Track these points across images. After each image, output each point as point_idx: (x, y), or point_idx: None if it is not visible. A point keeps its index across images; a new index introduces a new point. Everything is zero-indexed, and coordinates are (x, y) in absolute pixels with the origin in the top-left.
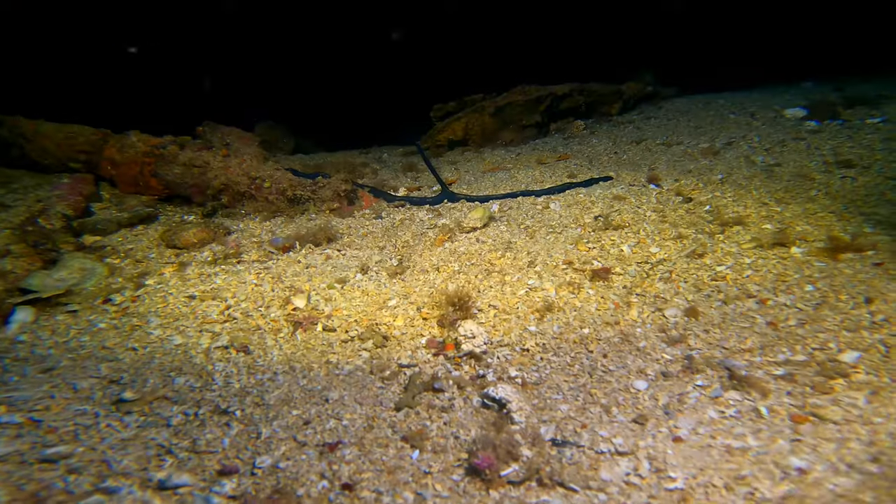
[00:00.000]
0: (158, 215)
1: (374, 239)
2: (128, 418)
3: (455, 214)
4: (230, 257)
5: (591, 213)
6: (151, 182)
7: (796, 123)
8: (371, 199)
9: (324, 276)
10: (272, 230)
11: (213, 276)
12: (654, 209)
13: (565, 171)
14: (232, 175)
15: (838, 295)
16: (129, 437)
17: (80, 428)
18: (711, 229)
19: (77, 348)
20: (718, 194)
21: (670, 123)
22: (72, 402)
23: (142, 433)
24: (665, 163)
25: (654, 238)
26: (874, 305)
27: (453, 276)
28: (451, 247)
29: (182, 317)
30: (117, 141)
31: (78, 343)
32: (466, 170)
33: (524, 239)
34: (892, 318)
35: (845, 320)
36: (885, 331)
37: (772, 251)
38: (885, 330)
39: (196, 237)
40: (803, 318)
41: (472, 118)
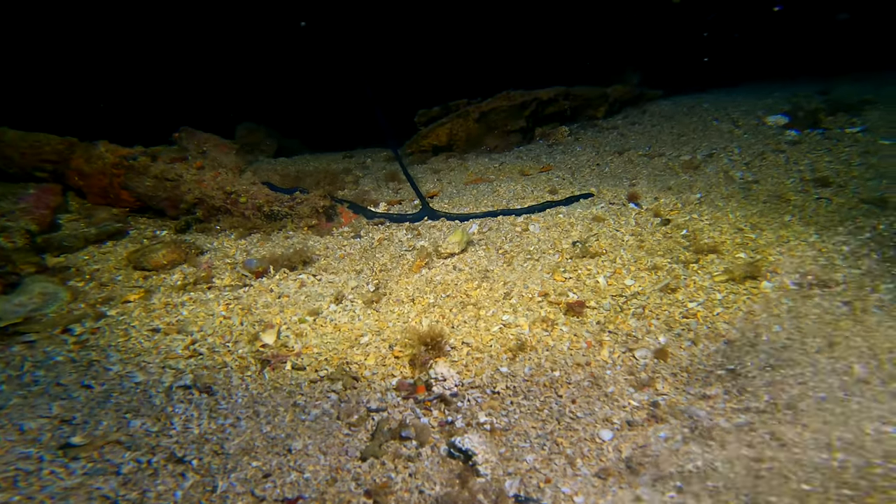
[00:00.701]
0: (129, 230)
1: (351, 262)
2: (74, 464)
3: (434, 235)
4: (200, 282)
5: (569, 236)
6: (122, 194)
7: (777, 132)
8: (350, 216)
9: (296, 306)
10: (247, 249)
11: (179, 307)
12: (633, 232)
13: (547, 184)
14: (206, 189)
15: (804, 338)
16: (73, 485)
17: (21, 474)
18: (687, 257)
19: (30, 384)
20: (696, 217)
21: (654, 130)
22: (17, 444)
23: (87, 482)
24: (646, 177)
25: (629, 268)
26: (837, 351)
27: (428, 309)
28: (427, 274)
29: (144, 352)
30: (84, 151)
31: (31, 378)
32: (449, 180)
33: (501, 266)
34: (853, 367)
35: (810, 364)
36: (845, 378)
37: (743, 285)
38: (846, 377)
39: (166, 258)
40: (768, 361)
41: (456, 124)
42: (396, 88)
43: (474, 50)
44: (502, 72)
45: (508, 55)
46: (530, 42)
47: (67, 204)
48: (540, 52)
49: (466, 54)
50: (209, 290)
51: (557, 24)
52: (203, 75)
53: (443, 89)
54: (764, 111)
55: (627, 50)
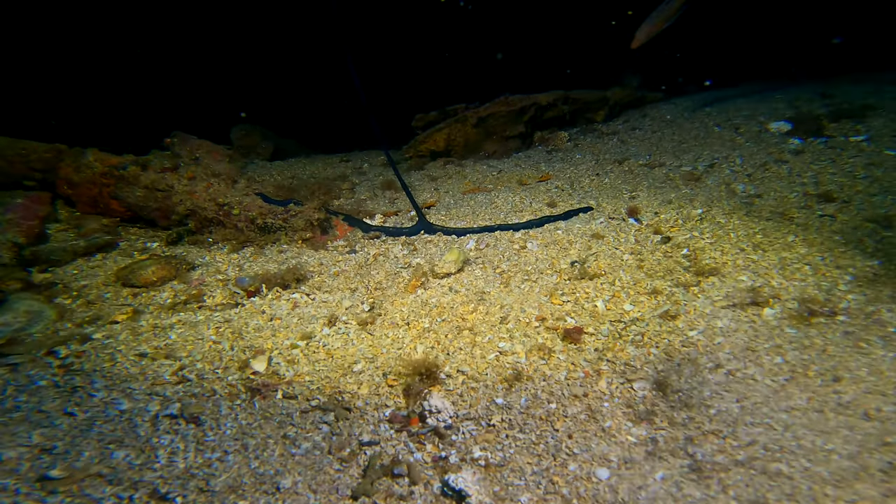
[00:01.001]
0: (119, 242)
1: (345, 279)
2: (52, 499)
3: (431, 251)
4: (191, 301)
5: (568, 255)
6: (112, 204)
7: (780, 140)
8: (346, 228)
9: (288, 330)
10: (240, 264)
11: (168, 330)
12: (632, 251)
13: (546, 195)
14: (198, 200)
15: (807, 370)
16: None
17: None
18: (687, 279)
19: (11, 410)
20: (697, 234)
21: (654, 137)
22: None
23: None
24: (646, 189)
25: (629, 292)
26: (841, 385)
27: (423, 334)
28: (423, 296)
29: (130, 378)
30: (73, 160)
31: (13, 404)
32: (446, 190)
33: (498, 288)
34: (858, 400)
35: (812, 399)
36: (850, 413)
37: (745, 312)
38: (850, 413)
39: (156, 275)
40: (770, 394)
41: (454, 129)
42: (394, 91)
43: (472, 53)
44: (500, 75)
45: (506, 58)
46: (528, 45)
47: (57, 213)
48: (538, 56)
49: (464, 57)
50: (199, 311)
51: (555, 26)
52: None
53: (440, 93)
54: (766, 116)
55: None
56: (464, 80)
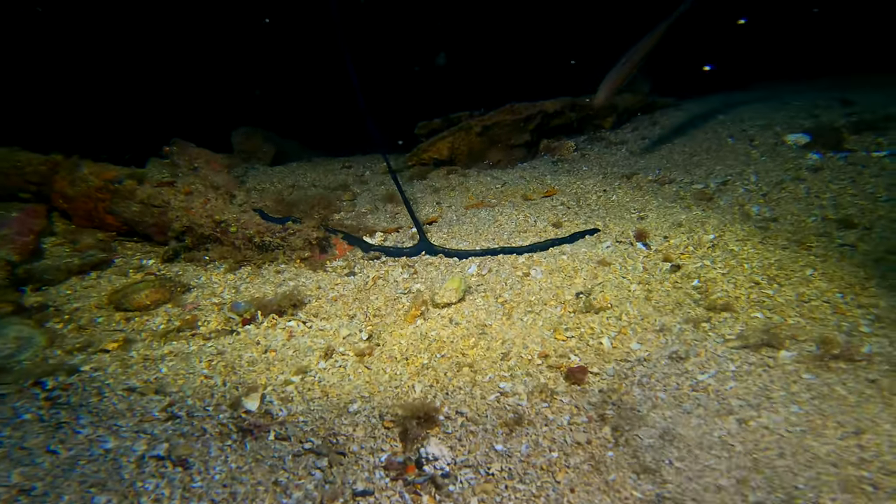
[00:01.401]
0: (114, 258)
1: (344, 305)
2: None
3: (432, 274)
4: (184, 327)
5: (573, 284)
6: (107, 219)
7: (797, 154)
8: (345, 247)
9: (283, 363)
10: (236, 286)
11: (158, 362)
12: (640, 280)
13: (551, 212)
14: (194, 217)
15: (826, 421)
16: None
17: None
18: (698, 315)
19: None
20: (708, 263)
21: (664, 148)
22: None
23: None
24: (656, 209)
25: (636, 328)
26: (864, 438)
27: (421, 371)
28: (422, 327)
29: (118, 414)
30: (68, 173)
31: None
32: (449, 204)
33: (500, 320)
34: (883, 456)
35: (831, 454)
36: (875, 467)
37: (758, 354)
38: (875, 466)
39: (149, 298)
40: (785, 447)
41: (458, 137)
42: (396, 96)
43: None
44: (504, 80)
45: (511, 62)
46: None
47: (52, 226)
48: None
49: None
50: (192, 339)
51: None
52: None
53: (444, 98)
54: (783, 127)
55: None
56: (467, 84)
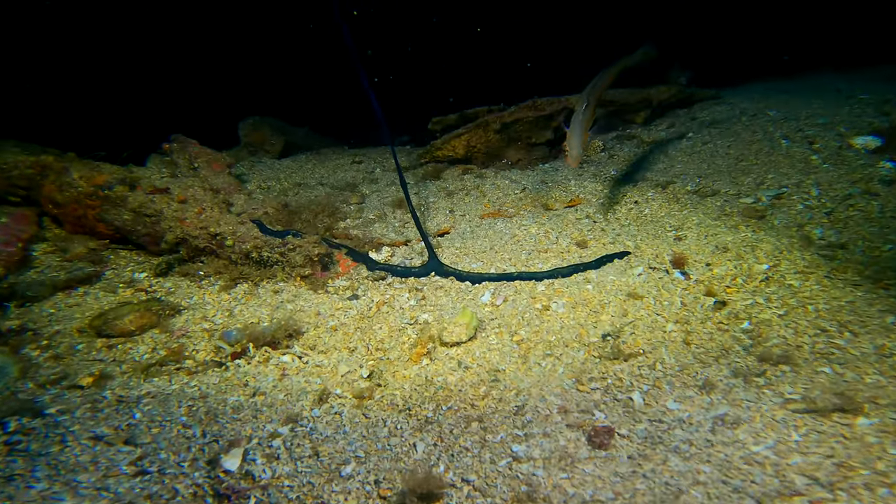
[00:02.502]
0: (105, 271)
1: (344, 336)
2: None
3: (441, 301)
4: (169, 359)
5: (598, 322)
6: (99, 227)
7: (867, 162)
8: (349, 264)
9: (272, 410)
10: (230, 307)
11: (133, 406)
12: (678, 319)
13: (575, 227)
14: (188, 228)
15: None
16: None
17: None
18: (749, 367)
19: None
20: (761, 301)
21: (705, 149)
22: None
23: None
24: (696, 227)
25: (673, 382)
26: None
27: (425, 426)
28: (428, 370)
29: (79, 467)
30: (56, 178)
31: None
32: (462, 212)
33: (515, 364)
34: None
35: None
36: None
37: (829, 420)
38: None
39: (134, 324)
40: None
41: (474, 135)
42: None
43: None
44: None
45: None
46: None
47: (43, 232)
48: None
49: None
50: (176, 375)
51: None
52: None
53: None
54: (848, 127)
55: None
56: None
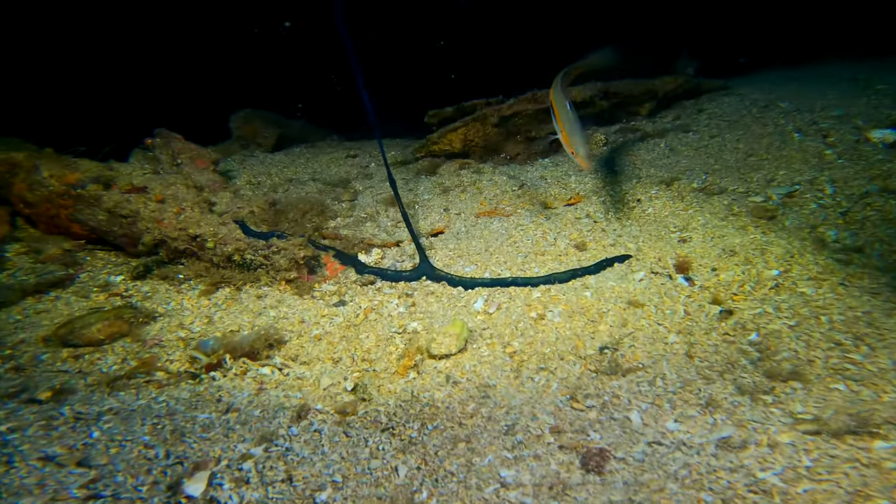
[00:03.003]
0: (79, 274)
1: (328, 345)
2: None
3: (432, 308)
4: (139, 371)
5: (596, 332)
6: (73, 227)
7: (887, 157)
8: (337, 267)
9: (245, 428)
10: (210, 314)
11: (92, 424)
12: (680, 330)
13: (574, 228)
14: (167, 230)
15: None
16: None
17: None
18: (756, 383)
19: None
20: (770, 311)
21: (713, 143)
22: None
23: None
24: (701, 228)
25: (673, 401)
26: None
27: (408, 447)
28: (415, 385)
29: (23, 490)
30: (26, 176)
31: None
32: (458, 211)
33: (507, 379)
34: None
35: None
36: None
37: (844, 443)
38: None
39: (103, 332)
40: None
41: (472, 128)
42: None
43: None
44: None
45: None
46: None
47: (16, 232)
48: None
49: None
50: (144, 388)
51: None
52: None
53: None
54: (865, 119)
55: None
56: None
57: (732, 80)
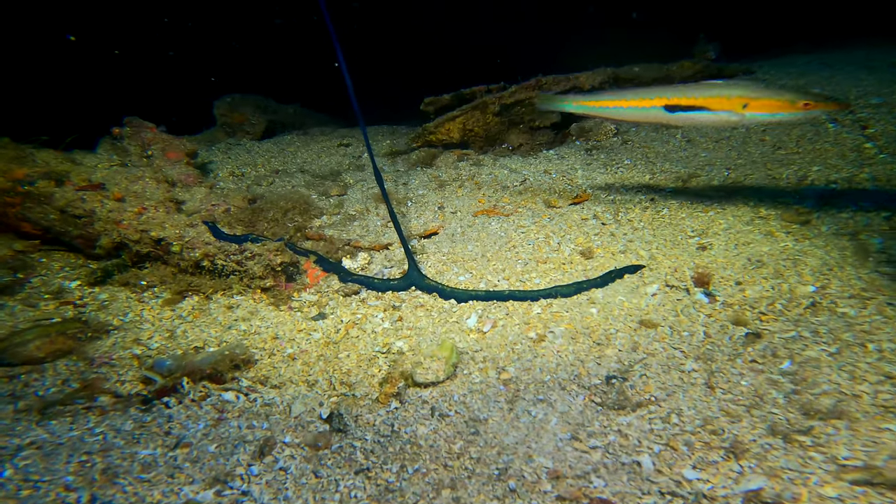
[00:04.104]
0: (30, 278)
1: (304, 366)
2: None
3: (420, 324)
4: (79, 395)
5: (603, 358)
6: (24, 226)
7: None
8: (318, 274)
9: (196, 466)
10: (172, 327)
11: (8, 459)
12: (700, 356)
13: (580, 231)
14: (126, 231)
15: None
16: None
17: None
18: (791, 422)
19: None
20: (807, 335)
21: (735, 135)
22: None
23: None
24: (724, 233)
25: (692, 443)
26: None
27: (385, 494)
28: (398, 416)
29: None
30: None
31: None
32: (454, 209)
33: (500, 413)
34: None
35: None
36: None
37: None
38: None
39: (43, 350)
40: None
41: (471, 117)
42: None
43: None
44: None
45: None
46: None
47: None
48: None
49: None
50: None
51: None
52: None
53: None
54: None
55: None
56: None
57: (756, 64)
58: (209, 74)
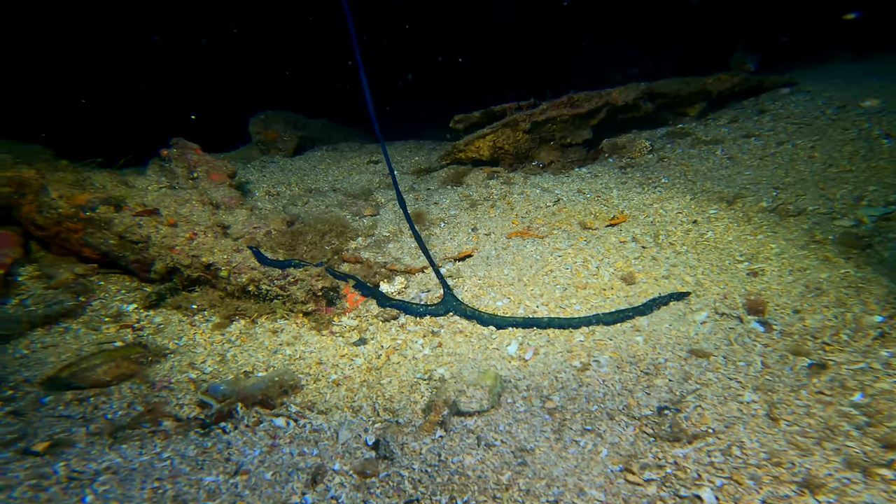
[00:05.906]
0: (91, 301)
1: (348, 392)
2: None
3: (461, 349)
4: (145, 419)
5: (653, 388)
6: (85, 251)
7: None
8: (357, 299)
9: (255, 494)
10: (223, 351)
11: (88, 486)
12: (759, 387)
13: (619, 255)
14: (179, 257)
15: None
16: None
17: None
18: (869, 457)
19: None
20: (878, 367)
21: (781, 151)
22: None
23: None
24: (776, 258)
25: (758, 478)
26: None
27: None
28: (444, 446)
29: None
30: (35, 197)
31: None
32: (487, 230)
33: (547, 443)
34: None
35: None
36: None
37: None
38: None
39: (109, 374)
40: None
41: (501, 135)
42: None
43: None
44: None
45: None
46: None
47: (31, 253)
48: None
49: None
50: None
51: None
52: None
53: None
54: None
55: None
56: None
57: (798, 74)
58: (239, 89)
